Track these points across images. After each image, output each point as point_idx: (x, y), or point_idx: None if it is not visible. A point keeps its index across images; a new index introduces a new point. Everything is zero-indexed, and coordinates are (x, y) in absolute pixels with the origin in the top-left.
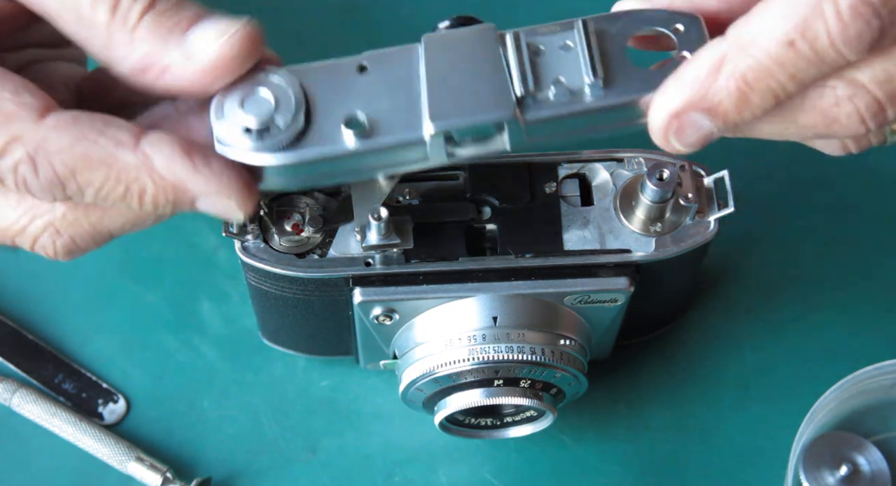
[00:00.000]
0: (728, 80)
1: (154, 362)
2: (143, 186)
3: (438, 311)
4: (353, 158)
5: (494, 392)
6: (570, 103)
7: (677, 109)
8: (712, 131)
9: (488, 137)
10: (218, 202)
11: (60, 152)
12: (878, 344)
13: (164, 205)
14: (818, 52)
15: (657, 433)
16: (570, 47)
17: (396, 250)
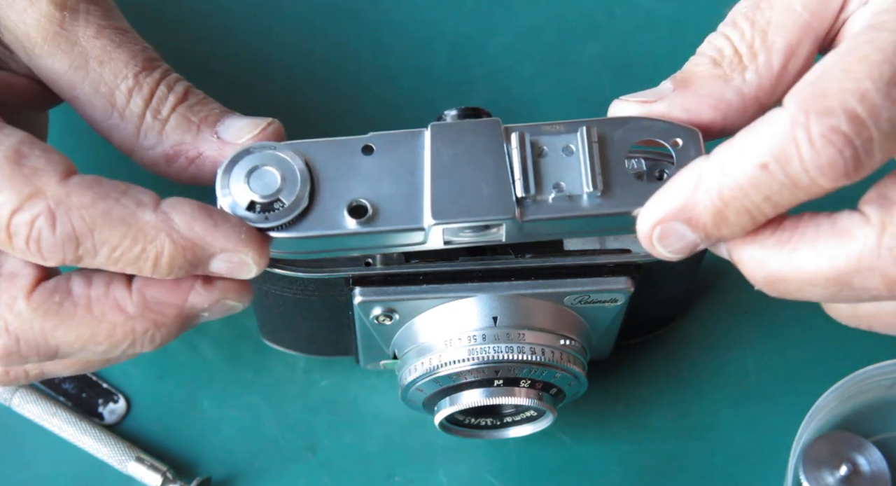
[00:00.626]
0: (705, 195)
1: (154, 361)
2: (159, 247)
3: (438, 311)
4: (352, 239)
5: (494, 392)
6: (568, 209)
7: (659, 219)
8: (696, 242)
9: (486, 230)
10: (234, 258)
11: (82, 208)
12: (878, 344)
13: (180, 267)
14: (791, 176)
15: (657, 433)
16: (573, 152)
17: None
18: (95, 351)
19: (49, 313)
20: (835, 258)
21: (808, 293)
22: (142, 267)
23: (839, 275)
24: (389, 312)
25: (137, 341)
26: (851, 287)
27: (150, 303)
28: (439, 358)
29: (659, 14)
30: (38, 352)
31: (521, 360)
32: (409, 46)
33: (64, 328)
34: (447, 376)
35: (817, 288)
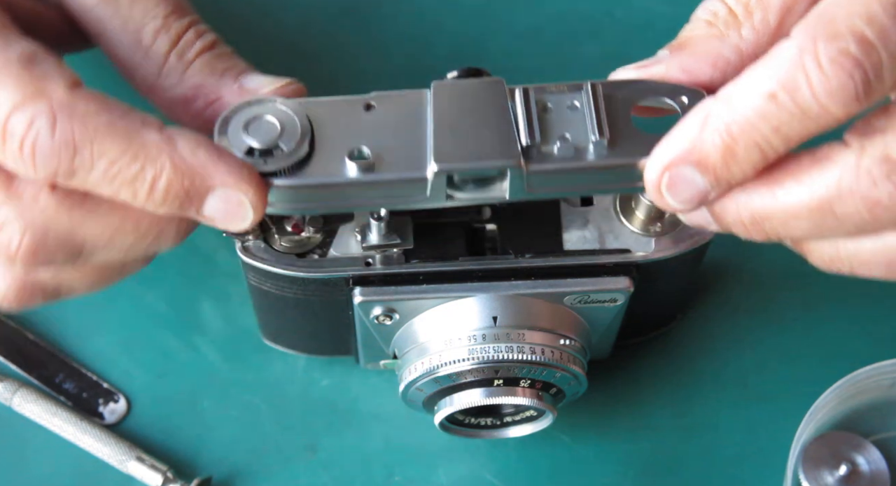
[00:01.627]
0: (713, 133)
1: (154, 361)
2: (159, 169)
3: (438, 311)
4: (353, 188)
5: (494, 392)
6: (574, 159)
7: (667, 163)
8: (706, 189)
9: (489, 184)
10: (233, 198)
11: (85, 115)
12: (878, 344)
13: (175, 197)
14: (800, 104)
15: (657, 432)
16: (578, 108)
17: (396, 250)
18: (122, 246)
19: (75, 205)
20: (816, 185)
21: (793, 228)
22: (136, 190)
23: (821, 202)
24: (389, 312)
25: (163, 232)
26: (835, 216)
27: None
28: (439, 358)
29: (659, 14)
30: (66, 248)
31: (521, 360)
32: (409, 46)
33: (91, 220)
34: (447, 376)
35: (802, 221)
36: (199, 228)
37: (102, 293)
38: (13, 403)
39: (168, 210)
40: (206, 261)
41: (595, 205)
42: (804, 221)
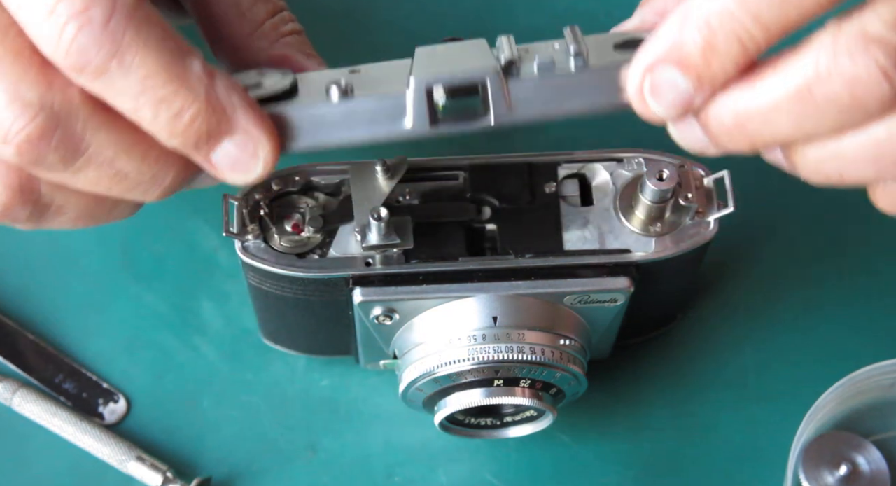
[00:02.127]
0: (692, 30)
1: (154, 361)
2: (192, 98)
3: (438, 311)
4: (334, 114)
5: (494, 392)
6: (554, 72)
7: (648, 64)
8: (690, 91)
9: (472, 109)
10: (249, 146)
11: (141, 22)
12: (878, 344)
13: (195, 131)
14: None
15: (657, 432)
16: (558, 47)
17: (396, 249)
18: (120, 169)
19: (97, 110)
20: (794, 71)
21: (775, 126)
22: (159, 112)
23: (800, 89)
24: (389, 312)
25: (162, 174)
26: (815, 104)
27: None
28: (439, 358)
29: None
30: (69, 146)
31: (521, 360)
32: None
33: (107, 130)
34: (447, 376)
35: (782, 115)
36: (199, 228)
37: (102, 293)
38: (13, 403)
39: (180, 144)
40: (206, 261)
41: (595, 205)
42: (785, 116)
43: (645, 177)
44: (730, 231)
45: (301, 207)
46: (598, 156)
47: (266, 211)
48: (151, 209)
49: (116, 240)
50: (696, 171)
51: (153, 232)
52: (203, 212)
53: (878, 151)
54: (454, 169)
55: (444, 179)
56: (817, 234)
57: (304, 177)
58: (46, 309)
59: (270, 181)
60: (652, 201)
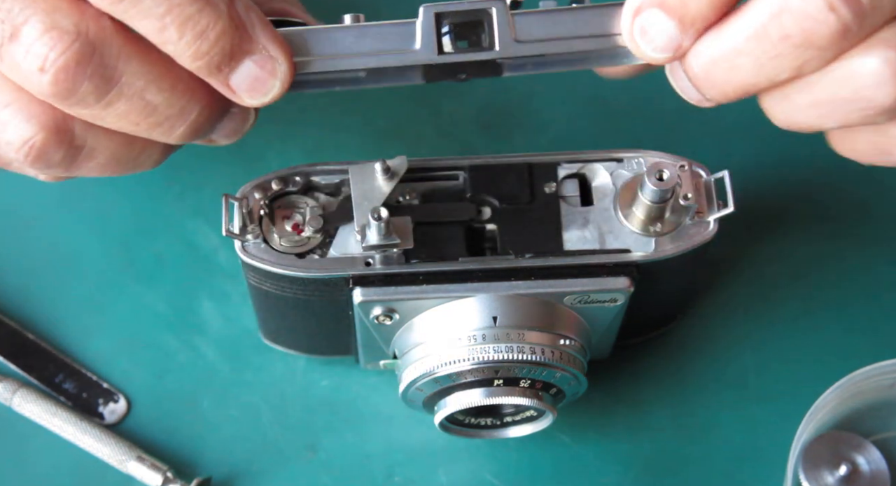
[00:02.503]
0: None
1: (154, 361)
2: (216, 17)
3: (438, 311)
4: (344, 37)
5: (494, 392)
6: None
7: (635, 6)
8: (676, 34)
9: (479, 38)
10: (267, 64)
11: None
12: (878, 344)
13: (219, 51)
14: None
15: (657, 432)
16: None
17: (396, 250)
18: (151, 101)
19: (131, 39)
20: (753, 13)
21: (740, 71)
22: (185, 33)
23: (758, 30)
24: (389, 312)
25: (185, 109)
26: (772, 43)
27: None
28: (439, 358)
29: None
30: (104, 75)
31: (521, 360)
32: None
33: (139, 59)
34: (447, 376)
35: (744, 57)
36: (199, 228)
37: (102, 293)
38: (13, 403)
39: (204, 65)
40: (206, 261)
41: (595, 205)
42: (746, 58)
43: (645, 177)
44: (730, 231)
45: (301, 207)
46: (598, 156)
47: (266, 211)
48: (151, 209)
49: (116, 240)
50: (696, 171)
51: (153, 232)
52: (203, 212)
53: (836, 94)
54: (454, 169)
55: (444, 179)
56: (817, 234)
57: (304, 177)
58: (46, 309)
59: (270, 181)
60: (652, 201)
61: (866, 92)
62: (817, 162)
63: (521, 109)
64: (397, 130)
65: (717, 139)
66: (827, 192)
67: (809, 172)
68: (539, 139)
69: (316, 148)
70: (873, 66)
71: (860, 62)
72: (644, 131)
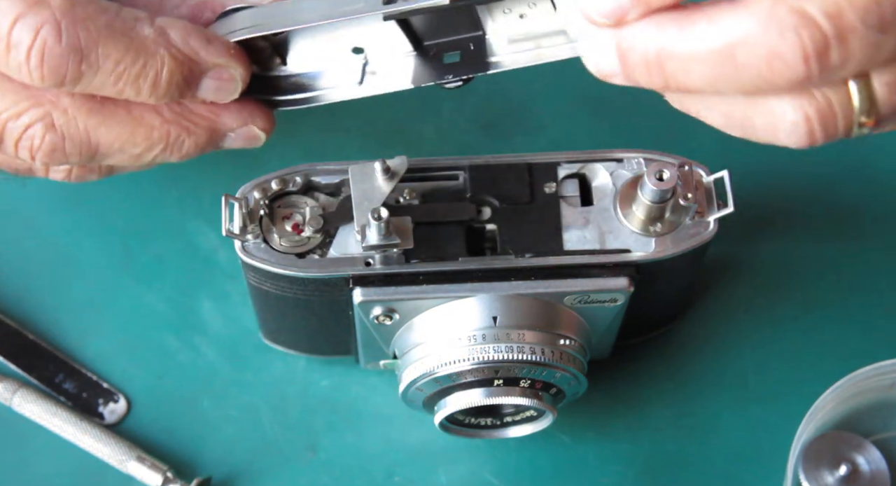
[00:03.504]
0: None
1: (154, 361)
2: (160, 63)
3: (438, 311)
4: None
5: (494, 392)
6: None
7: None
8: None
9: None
10: (224, 74)
11: (86, 20)
12: (878, 344)
13: (177, 84)
14: None
15: (657, 432)
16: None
17: (396, 250)
18: (132, 153)
19: (93, 111)
20: (724, 26)
21: (692, 74)
22: (140, 87)
23: (725, 46)
24: (389, 312)
25: (169, 145)
26: (734, 65)
27: (184, 111)
28: (439, 358)
29: None
30: (81, 150)
31: (521, 360)
32: None
33: (106, 127)
34: (447, 376)
35: (703, 66)
36: (199, 228)
37: (102, 293)
38: (13, 403)
39: (169, 99)
40: (206, 261)
41: (595, 205)
42: (705, 67)
43: (645, 177)
44: (730, 231)
45: (301, 207)
46: (598, 156)
47: (266, 211)
48: (151, 210)
49: (116, 240)
50: (696, 171)
51: (153, 232)
52: (203, 212)
53: (749, 118)
54: (454, 169)
55: (444, 179)
56: (817, 234)
57: (304, 177)
58: (46, 309)
59: (270, 181)
60: (652, 201)
61: (777, 131)
62: (817, 162)
63: (521, 109)
64: (397, 130)
65: (717, 139)
66: (826, 192)
67: (809, 173)
68: (539, 139)
69: (316, 148)
70: (794, 116)
71: (785, 107)
72: (644, 131)
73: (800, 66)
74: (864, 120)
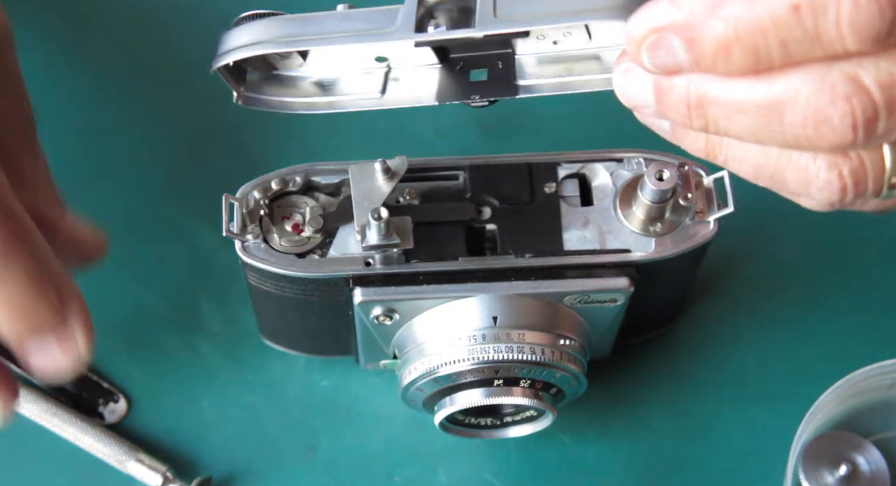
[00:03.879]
0: (720, 22)
1: (154, 361)
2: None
3: (438, 311)
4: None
5: (494, 392)
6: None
7: (660, 26)
8: (684, 66)
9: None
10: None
11: None
12: (878, 344)
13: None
14: (819, 27)
15: (657, 433)
16: None
17: (396, 250)
18: None
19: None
20: (776, 85)
21: (735, 123)
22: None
23: (774, 103)
24: (389, 312)
25: None
26: (781, 121)
27: None
28: (439, 358)
29: None
30: None
31: (521, 360)
32: None
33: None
34: (447, 376)
35: (747, 118)
36: (199, 228)
37: (102, 293)
38: None
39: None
40: (206, 261)
41: (595, 205)
42: (749, 119)
43: (645, 177)
44: (730, 231)
45: (301, 207)
46: (598, 156)
47: (266, 211)
48: (151, 209)
49: (116, 240)
50: (696, 171)
51: (153, 232)
52: (203, 212)
53: (777, 169)
54: (454, 169)
55: (444, 179)
56: (817, 234)
57: (304, 177)
58: None
59: (270, 181)
60: (652, 201)
61: (809, 186)
62: None
63: (521, 109)
64: (397, 130)
65: None
66: None
67: None
68: (539, 139)
69: (316, 148)
70: (827, 175)
71: (820, 164)
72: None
73: (847, 134)
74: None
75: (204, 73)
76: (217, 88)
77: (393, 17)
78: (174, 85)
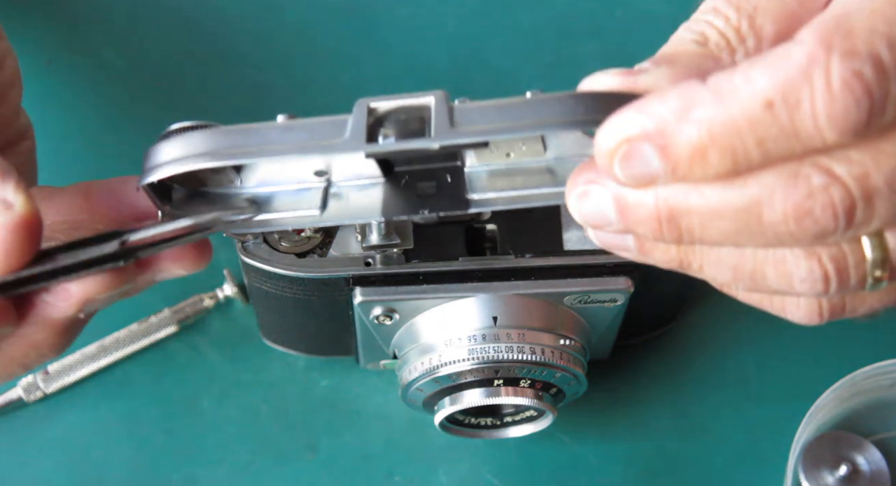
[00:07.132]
0: (692, 127)
1: (154, 361)
2: None
3: (438, 311)
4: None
5: (494, 392)
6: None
7: (630, 136)
8: (659, 176)
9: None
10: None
11: None
12: (878, 344)
13: None
14: (795, 121)
15: (657, 433)
16: None
17: (396, 250)
18: None
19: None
20: (751, 186)
21: (711, 230)
22: None
23: (751, 204)
24: (389, 312)
25: None
26: (760, 221)
27: None
28: (439, 358)
29: (659, 14)
30: None
31: (521, 360)
32: (409, 46)
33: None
34: (447, 376)
35: (725, 222)
36: None
37: None
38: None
39: None
40: None
41: None
42: (727, 223)
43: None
44: None
45: None
46: None
47: None
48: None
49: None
50: None
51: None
52: None
53: (759, 270)
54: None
55: None
56: None
57: None
58: None
59: None
60: None
61: (792, 279)
62: None
63: None
64: None
65: None
66: None
67: None
68: None
69: None
70: (808, 263)
71: (798, 254)
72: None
73: (829, 222)
74: (879, 273)
75: (204, 73)
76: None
77: (341, 127)
78: (174, 85)
